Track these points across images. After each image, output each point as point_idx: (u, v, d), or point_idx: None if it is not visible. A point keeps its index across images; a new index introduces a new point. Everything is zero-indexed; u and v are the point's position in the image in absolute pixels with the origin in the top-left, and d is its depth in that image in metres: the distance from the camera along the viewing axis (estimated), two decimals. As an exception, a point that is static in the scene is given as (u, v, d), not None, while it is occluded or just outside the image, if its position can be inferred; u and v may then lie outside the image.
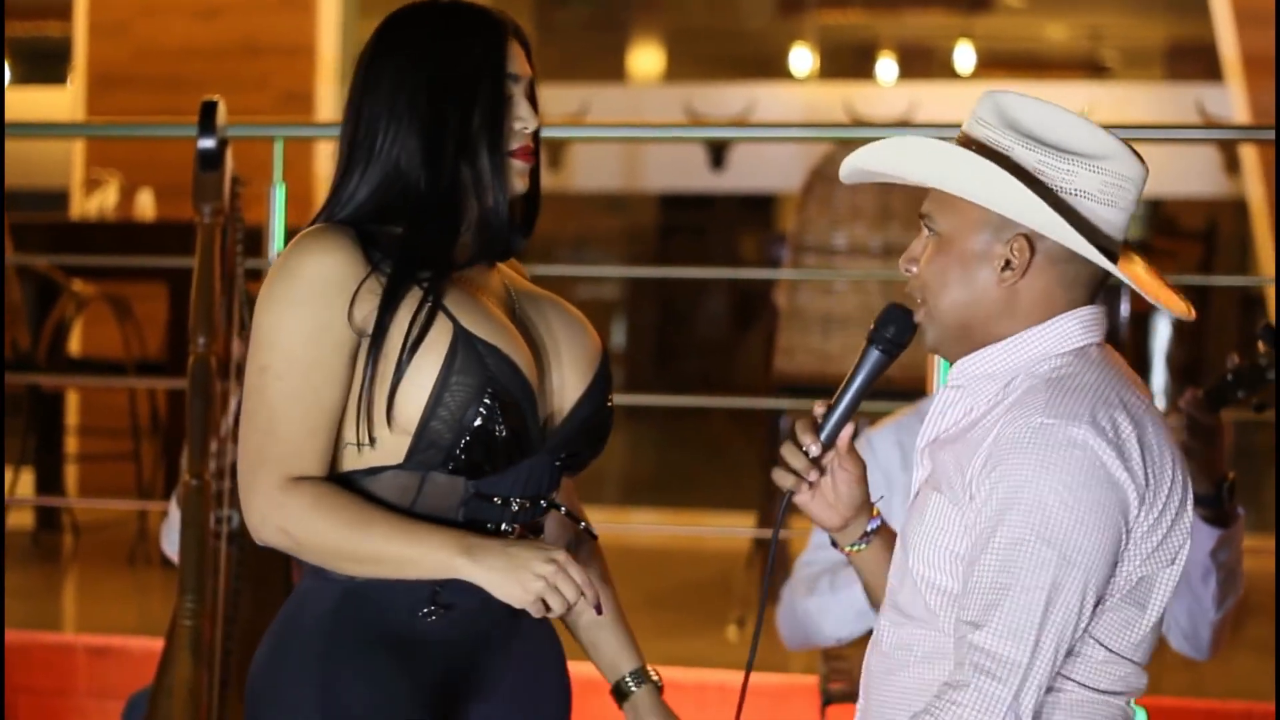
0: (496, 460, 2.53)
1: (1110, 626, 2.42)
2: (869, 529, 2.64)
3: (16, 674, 5.35)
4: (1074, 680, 2.42)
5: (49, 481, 7.85)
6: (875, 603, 2.67)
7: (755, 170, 13.30)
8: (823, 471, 2.59)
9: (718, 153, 13.34)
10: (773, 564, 2.61)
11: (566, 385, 2.65)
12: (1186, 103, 11.35)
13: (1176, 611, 3.57)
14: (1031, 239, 2.45)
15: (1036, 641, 2.33)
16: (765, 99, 13.48)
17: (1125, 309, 6.47)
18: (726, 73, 15.21)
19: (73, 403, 8.87)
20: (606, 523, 7.77)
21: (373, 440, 2.53)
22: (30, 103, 13.40)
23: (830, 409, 2.58)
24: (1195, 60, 12.57)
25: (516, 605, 2.51)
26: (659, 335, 16.55)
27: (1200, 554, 3.47)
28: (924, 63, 15.34)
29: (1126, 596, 2.42)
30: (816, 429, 2.58)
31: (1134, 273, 2.50)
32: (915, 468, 2.58)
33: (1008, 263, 2.46)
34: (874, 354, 2.56)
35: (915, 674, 2.48)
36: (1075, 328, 2.48)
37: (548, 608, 2.52)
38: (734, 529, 7.44)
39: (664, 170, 14.07)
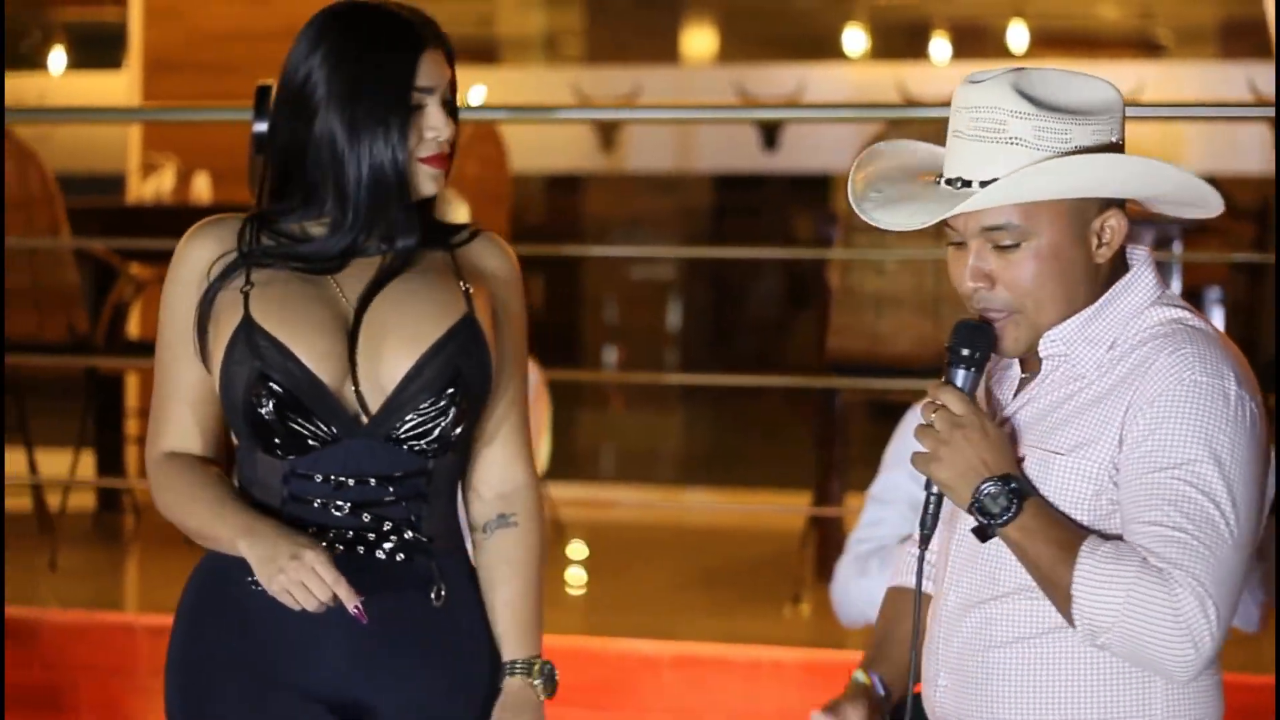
0: (294, 444, 2.60)
1: None
2: None
3: (78, 652, 5.40)
4: None
5: (110, 463, 7.93)
6: None
7: (808, 150, 13.28)
8: None
9: (770, 133, 13.32)
10: (917, 630, 2.63)
11: (385, 365, 2.62)
12: (1239, 81, 11.30)
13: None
14: (1118, 209, 2.48)
15: (1222, 570, 2.36)
16: (817, 79, 13.46)
17: (1177, 287, 6.44)
18: (778, 53, 15.20)
19: (132, 385, 8.93)
20: (661, 502, 7.79)
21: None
22: (87, 88, 13.48)
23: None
24: (1249, 38, 12.50)
25: (269, 591, 2.55)
26: (713, 315, 16.55)
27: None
28: (977, 42, 15.29)
29: None
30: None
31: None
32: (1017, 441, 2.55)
33: (1099, 240, 2.49)
34: (959, 374, 2.51)
35: (1028, 647, 2.50)
36: (1148, 272, 2.53)
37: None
38: (788, 507, 7.45)
39: (717, 151, 14.06)
